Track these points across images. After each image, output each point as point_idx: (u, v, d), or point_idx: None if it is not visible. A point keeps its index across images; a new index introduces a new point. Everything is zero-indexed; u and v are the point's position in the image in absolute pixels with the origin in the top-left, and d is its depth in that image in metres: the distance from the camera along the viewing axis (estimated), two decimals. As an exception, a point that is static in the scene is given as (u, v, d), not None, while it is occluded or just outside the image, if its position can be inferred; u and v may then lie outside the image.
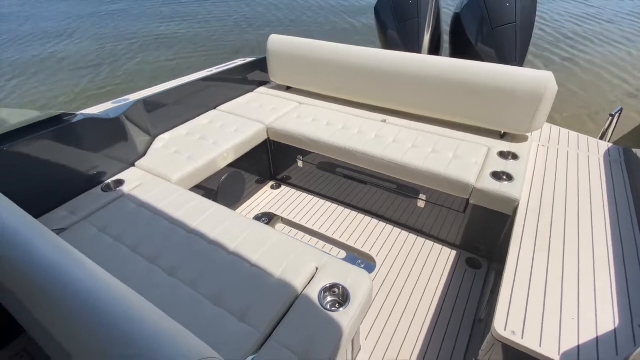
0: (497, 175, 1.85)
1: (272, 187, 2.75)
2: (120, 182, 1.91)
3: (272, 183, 2.79)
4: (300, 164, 2.55)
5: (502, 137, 2.21)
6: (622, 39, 7.70)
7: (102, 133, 1.90)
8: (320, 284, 1.30)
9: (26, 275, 0.80)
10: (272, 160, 2.71)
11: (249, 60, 2.99)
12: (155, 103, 2.24)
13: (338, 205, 2.52)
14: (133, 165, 2.08)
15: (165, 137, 2.31)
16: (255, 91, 3.01)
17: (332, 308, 1.22)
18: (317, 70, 2.68)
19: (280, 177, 2.77)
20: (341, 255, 2.15)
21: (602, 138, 2.46)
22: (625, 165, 1.95)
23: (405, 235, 2.25)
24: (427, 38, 3.11)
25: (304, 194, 2.65)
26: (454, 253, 2.11)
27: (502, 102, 2.07)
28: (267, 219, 2.43)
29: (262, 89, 3.04)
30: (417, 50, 3.11)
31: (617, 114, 2.51)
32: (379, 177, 2.21)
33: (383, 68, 2.39)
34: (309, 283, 1.32)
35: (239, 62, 3.00)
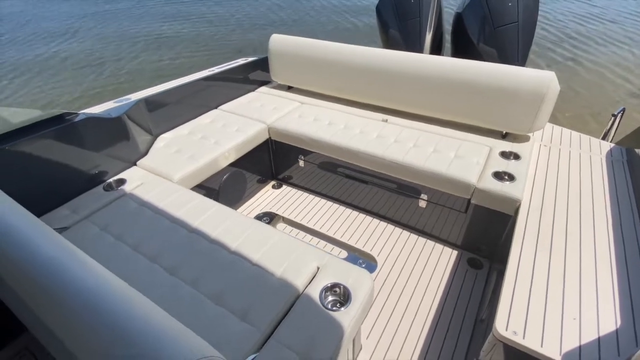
0: (498, 175, 1.85)
1: (273, 186, 2.75)
2: (121, 182, 1.92)
3: (273, 182, 2.79)
4: (301, 163, 2.55)
5: (504, 137, 2.20)
6: (625, 38, 7.68)
7: (104, 132, 1.90)
8: (321, 283, 1.30)
9: (28, 274, 0.80)
10: (273, 160, 2.71)
11: (250, 59, 3.00)
12: (157, 102, 2.25)
13: (339, 205, 2.52)
14: (134, 164, 2.08)
15: (166, 136, 2.31)
16: (256, 91, 3.01)
17: (333, 308, 1.22)
18: (318, 70, 2.68)
19: (281, 176, 2.77)
20: (342, 255, 2.15)
21: (604, 138, 2.46)
22: (627, 166, 1.94)
23: (407, 235, 2.24)
24: (428, 38, 3.10)
25: (305, 194, 2.65)
26: (455, 253, 2.11)
27: (504, 102, 2.07)
28: (268, 218, 2.43)
29: (263, 89, 3.04)
30: (419, 49, 3.10)
31: (620, 114, 2.50)
32: (380, 177, 2.21)
33: (384, 68, 2.39)
34: (310, 282, 1.32)
35: (240, 61, 3.00)
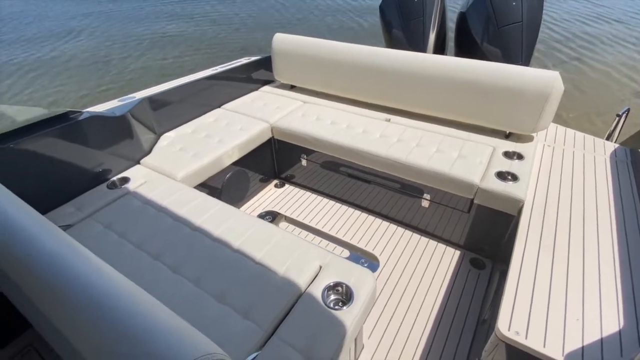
0: (502, 175, 1.84)
1: (275, 185, 2.76)
2: (125, 180, 1.93)
3: (276, 181, 2.80)
4: (304, 162, 2.55)
5: (507, 137, 2.19)
6: (632, 38, 7.62)
7: (108, 131, 1.91)
8: (323, 282, 1.31)
9: (33, 271, 0.81)
10: (276, 159, 2.72)
11: (253, 59, 3.00)
12: (161, 101, 2.25)
13: (342, 204, 2.52)
14: (138, 162, 2.09)
15: (170, 135, 2.32)
16: (259, 90, 3.02)
17: (336, 306, 1.23)
18: (321, 69, 2.68)
19: (284, 175, 2.78)
20: (344, 254, 2.15)
21: (608, 138, 2.44)
22: (631, 166, 1.93)
23: (409, 235, 2.24)
24: (432, 37, 3.09)
25: (308, 193, 2.65)
26: (457, 253, 2.11)
27: (508, 102, 2.06)
28: (270, 217, 2.43)
29: (266, 88, 3.05)
30: (422, 49, 3.10)
31: (624, 114, 2.49)
32: (383, 177, 2.21)
33: (388, 67, 2.39)
34: (312, 281, 1.32)
35: (243, 60, 3.00)
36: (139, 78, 6.53)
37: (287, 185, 2.75)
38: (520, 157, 1.99)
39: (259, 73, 3.01)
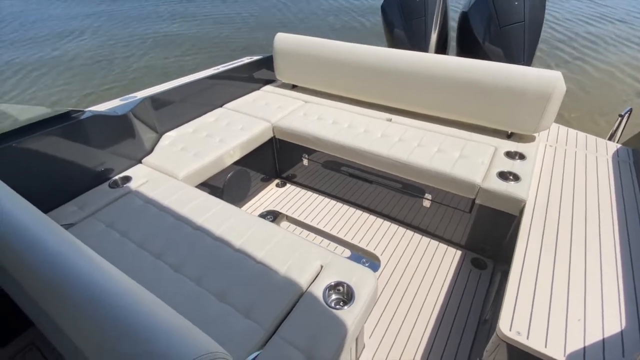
0: (503, 175, 1.84)
1: (277, 185, 2.76)
2: (127, 179, 1.93)
3: (277, 181, 2.80)
4: (305, 162, 2.55)
5: (509, 137, 2.19)
6: (635, 37, 7.59)
7: (110, 130, 1.92)
8: (325, 282, 1.31)
9: (35, 270, 0.81)
10: (277, 159, 2.72)
11: (255, 58, 3.00)
12: (162, 101, 2.26)
13: (343, 204, 2.52)
14: (140, 162, 2.10)
15: (172, 134, 2.33)
16: (261, 89, 3.02)
17: (337, 306, 1.23)
18: (323, 69, 2.68)
19: (285, 175, 2.78)
20: (346, 253, 2.15)
21: (610, 139, 2.43)
22: (634, 167, 1.92)
23: (410, 235, 2.24)
24: (434, 37, 3.09)
25: (309, 192, 2.65)
26: (459, 253, 2.10)
27: (510, 102, 2.05)
28: (272, 216, 2.43)
29: (268, 87, 3.05)
30: (424, 49, 3.09)
31: (627, 115, 2.48)
32: (385, 176, 2.21)
33: (389, 67, 2.39)
34: (313, 281, 1.33)
35: (245, 60, 3.01)
36: (142, 77, 6.55)
37: (288, 185, 2.75)
38: (522, 157, 1.98)
39: (260, 72, 3.01)
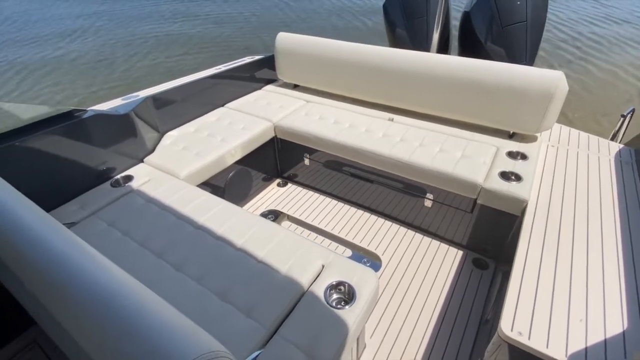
0: (505, 176, 1.84)
1: (278, 184, 2.76)
2: (129, 178, 1.94)
3: (278, 181, 2.80)
4: (306, 162, 2.55)
5: (511, 137, 2.19)
6: (639, 37, 7.56)
7: (112, 129, 1.92)
8: (326, 281, 1.31)
9: (37, 268, 0.81)
10: (278, 158, 2.72)
11: (256, 58, 3.00)
12: (164, 100, 2.26)
13: (344, 204, 2.52)
14: (142, 161, 2.10)
15: (173, 133, 2.33)
16: (262, 89, 3.02)
17: (338, 306, 1.23)
18: (324, 69, 2.68)
19: (286, 174, 2.78)
20: (347, 253, 2.15)
21: (613, 139, 2.43)
22: (636, 167, 1.91)
23: (412, 235, 2.24)
24: (436, 36, 3.08)
25: (310, 192, 2.65)
26: (460, 253, 2.10)
27: (512, 102, 2.05)
28: (273, 216, 2.44)
29: (269, 87, 3.05)
30: (426, 48, 3.09)
31: (629, 115, 2.47)
32: (386, 176, 2.21)
33: (391, 66, 2.38)
34: (315, 280, 1.33)
35: (247, 59, 3.01)
36: (146, 76, 6.56)
37: (289, 185, 2.75)
38: (524, 157, 1.98)
39: (262, 72, 3.01)
